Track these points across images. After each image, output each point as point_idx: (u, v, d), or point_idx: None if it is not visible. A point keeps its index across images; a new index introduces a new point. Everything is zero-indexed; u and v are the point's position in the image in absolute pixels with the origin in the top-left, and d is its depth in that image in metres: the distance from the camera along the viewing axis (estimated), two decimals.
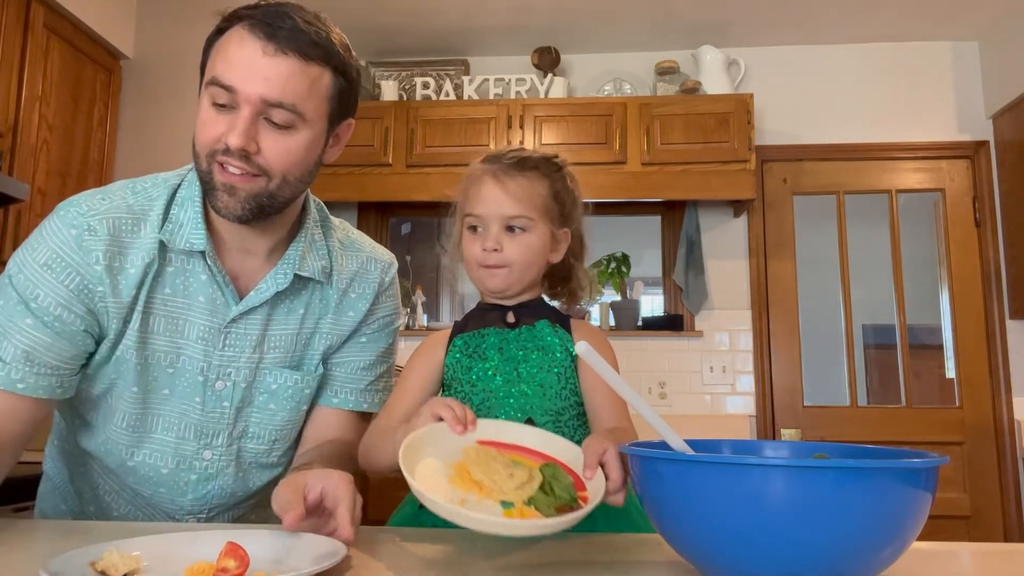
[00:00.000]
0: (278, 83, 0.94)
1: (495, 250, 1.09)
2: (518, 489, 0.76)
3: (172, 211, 1.03)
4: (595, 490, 0.80)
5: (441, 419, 0.89)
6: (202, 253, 1.02)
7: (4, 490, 1.88)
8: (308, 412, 1.17)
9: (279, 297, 1.08)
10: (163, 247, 1.02)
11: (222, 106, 0.94)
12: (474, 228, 1.11)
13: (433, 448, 0.84)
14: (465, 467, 0.80)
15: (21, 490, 1.92)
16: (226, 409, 1.07)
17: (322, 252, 1.12)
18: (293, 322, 1.10)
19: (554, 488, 0.78)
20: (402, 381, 1.15)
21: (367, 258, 1.18)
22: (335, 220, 1.20)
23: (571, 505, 0.79)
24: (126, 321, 1.01)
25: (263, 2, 0.98)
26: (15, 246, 2.32)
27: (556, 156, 1.15)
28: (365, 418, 1.19)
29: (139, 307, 1.01)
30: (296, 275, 1.07)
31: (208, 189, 0.98)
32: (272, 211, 1.02)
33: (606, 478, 0.82)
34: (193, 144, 0.99)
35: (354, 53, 1.04)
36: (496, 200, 1.09)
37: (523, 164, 1.11)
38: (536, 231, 1.11)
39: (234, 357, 1.06)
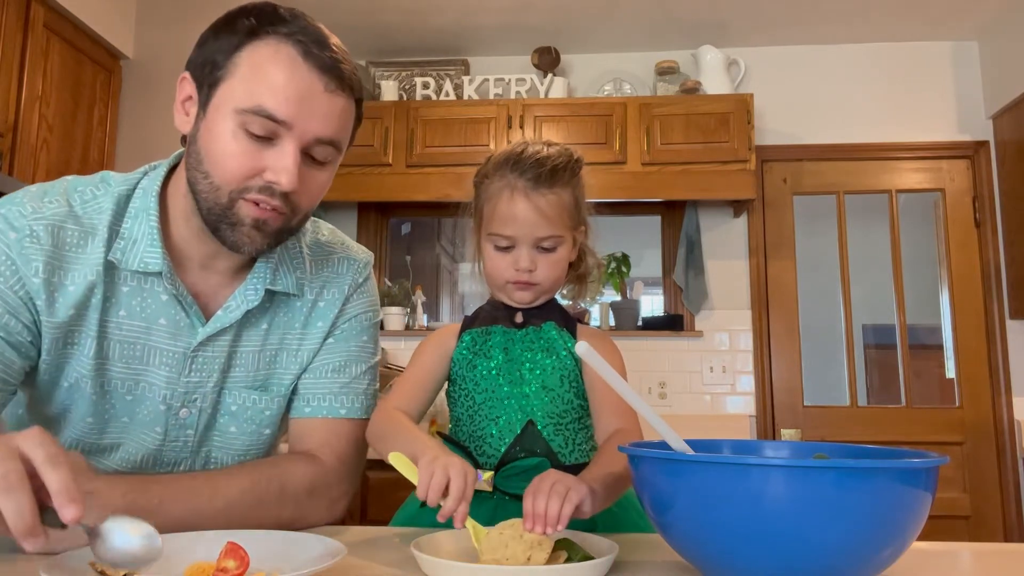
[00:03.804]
0: (333, 121, 0.89)
1: (529, 270, 1.06)
2: (529, 549, 0.77)
3: (124, 224, 0.93)
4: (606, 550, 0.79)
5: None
6: (159, 273, 0.93)
7: None
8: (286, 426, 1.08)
9: (248, 314, 0.98)
10: (111, 266, 0.92)
11: (256, 135, 0.86)
12: (501, 246, 1.07)
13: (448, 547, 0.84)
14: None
15: None
16: (190, 437, 0.99)
17: (297, 261, 1.03)
18: (256, 338, 1.00)
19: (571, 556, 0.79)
20: (413, 363, 1.12)
21: (339, 259, 1.09)
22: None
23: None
24: (69, 344, 0.92)
25: (280, 10, 0.89)
26: None
27: (573, 154, 1.09)
28: (351, 424, 1.05)
29: (91, 332, 0.91)
30: (267, 290, 0.99)
31: (224, 223, 0.89)
32: (284, 240, 0.96)
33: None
34: (204, 170, 0.88)
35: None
36: (529, 222, 1.04)
37: (553, 178, 1.05)
38: (565, 245, 1.09)
39: (200, 383, 0.97)
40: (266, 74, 0.85)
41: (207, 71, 0.89)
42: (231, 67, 0.87)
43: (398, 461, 0.87)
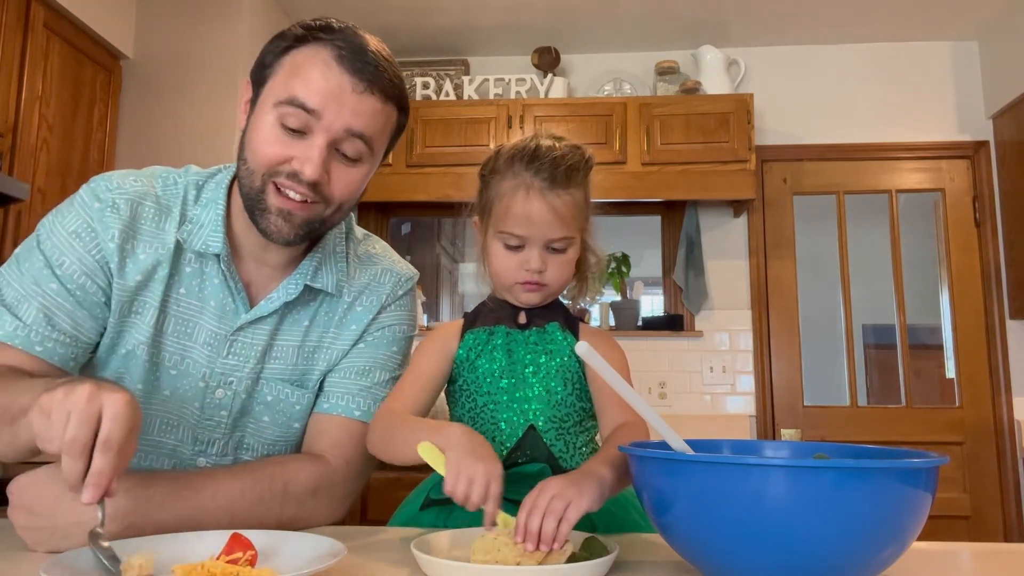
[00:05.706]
0: (361, 119, 0.95)
1: (539, 271, 1.04)
2: (520, 556, 0.77)
3: (194, 210, 1.02)
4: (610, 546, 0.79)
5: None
6: (217, 256, 1.01)
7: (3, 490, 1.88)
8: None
9: (288, 308, 1.05)
10: (179, 246, 1.01)
11: (291, 129, 0.94)
12: (511, 244, 1.05)
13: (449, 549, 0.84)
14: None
15: None
16: (223, 418, 1.04)
17: (341, 265, 1.10)
18: (297, 333, 1.07)
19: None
20: (414, 364, 1.10)
21: (382, 270, 1.14)
22: (360, 232, 1.17)
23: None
24: (133, 312, 0.99)
25: (333, 23, 0.98)
26: (15, 246, 2.32)
27: (585, 152, 1.07)
28: (363, 427, 1.07)
29: (154, 303, 1.00)
30: (307, 286, 1.05)
31: (257, 209, 0.97)
32: (319, 235, 1.03)
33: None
34: (244, 157, 0.97)
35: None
36: (544, 222, 1.01)
37: (568, 178, 1.03)
38: (574, 246, 1.07)
39: (237, 366, 1.03)
40: (302, 72, 0.94)
41: (258, 72, 0.99)
42: (276, 67, 0.97)
43: (427, 453, 0.86)
